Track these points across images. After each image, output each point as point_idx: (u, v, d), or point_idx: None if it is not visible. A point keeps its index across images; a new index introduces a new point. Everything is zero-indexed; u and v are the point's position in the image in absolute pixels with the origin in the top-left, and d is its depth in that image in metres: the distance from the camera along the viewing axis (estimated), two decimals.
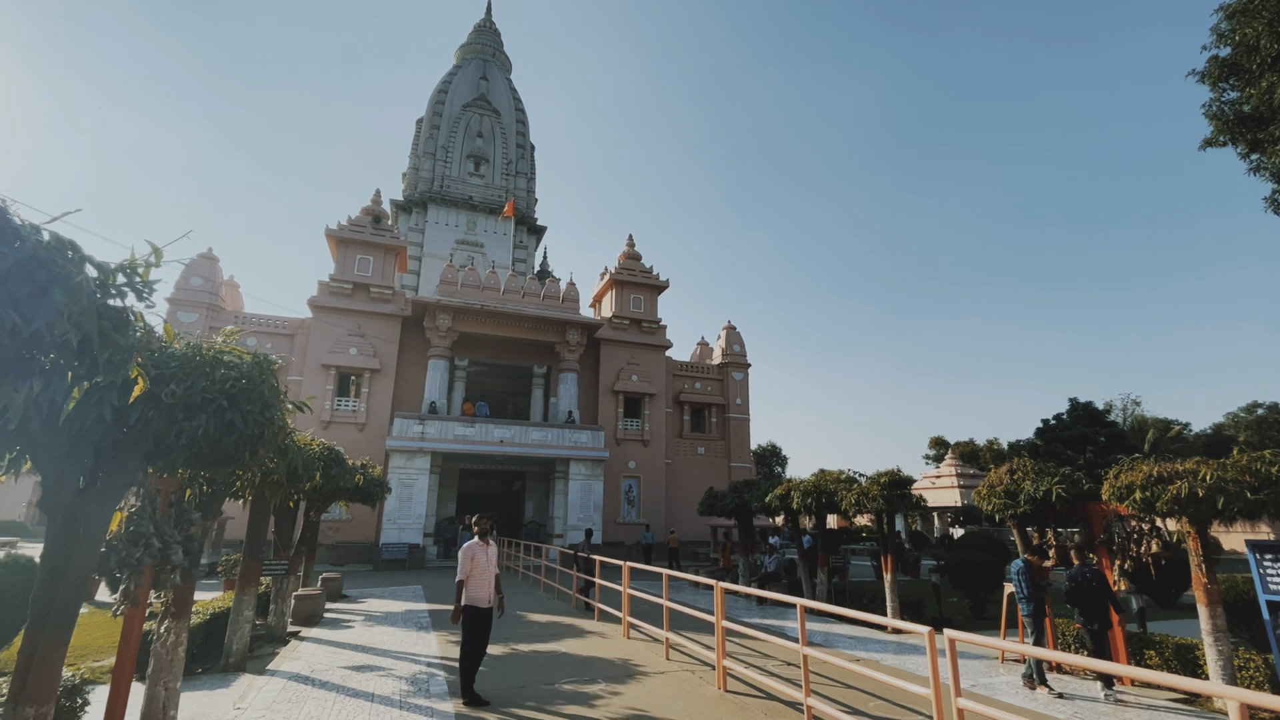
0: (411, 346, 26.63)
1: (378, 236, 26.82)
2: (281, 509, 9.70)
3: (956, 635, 4.16)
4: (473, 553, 6.40)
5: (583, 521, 24.82)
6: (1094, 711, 6.33)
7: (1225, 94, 12.34)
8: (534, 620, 11.10)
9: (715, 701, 6.25)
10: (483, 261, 38.21)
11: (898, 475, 12.42)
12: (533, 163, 43.77)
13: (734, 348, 33.73)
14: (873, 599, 12.80)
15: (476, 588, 6.32)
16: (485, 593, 6.34)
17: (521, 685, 6.81)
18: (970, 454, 52.60)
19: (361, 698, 6.34)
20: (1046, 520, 9.06)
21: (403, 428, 23.35)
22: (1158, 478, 6.83)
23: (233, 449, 3.57)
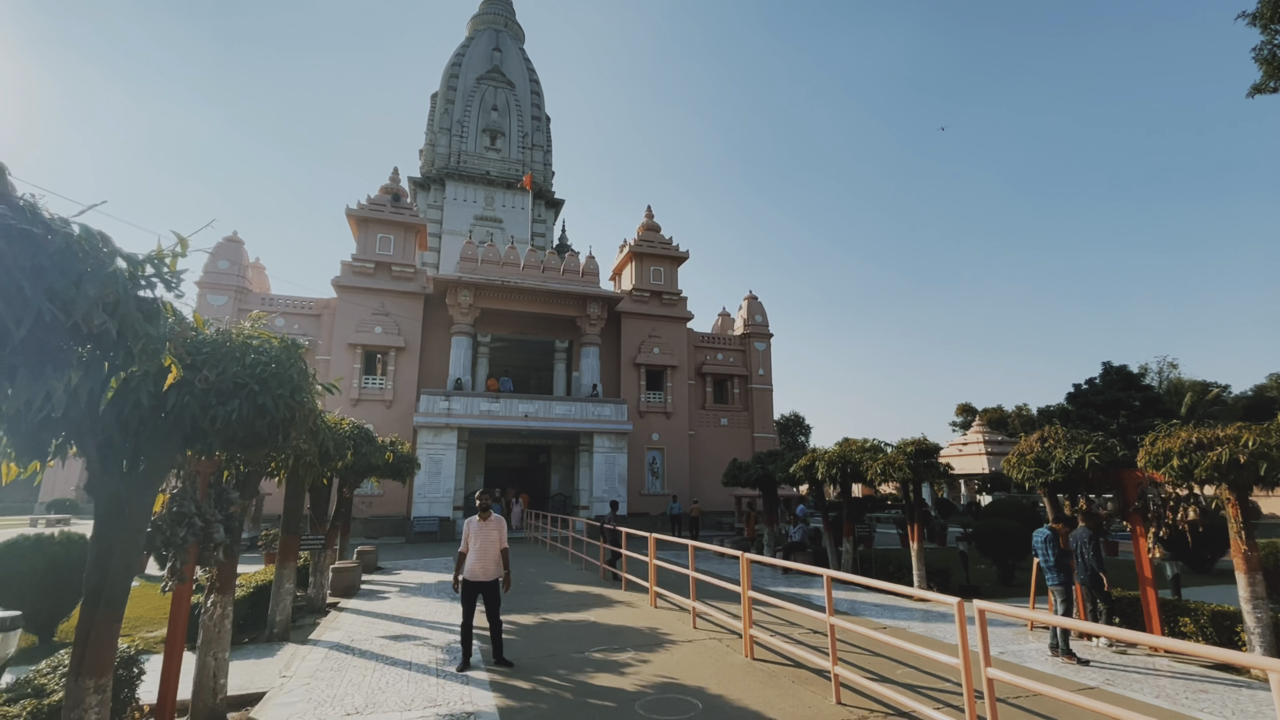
0: (435, 324, 26.90)
1: (397, 215, 26.93)
2: (316, 486, 9.97)
3: (986, 606, 4.14)
4: (470, 528, 6.50)
5: (607, 494, 25.15)
6: (1125, 678, 6.29)
7: (1277, 36, 11.61)
8: (563, 590, 11.35)
9: (743, 669, 6.36)
10: (502, 237, 38.21)
11: (924, 443, 12.30)
12: (549, 135, 43.32)
13: (755, 318, 33.43)
14: (899, 567, 12.80)
15: (471, 561, 6.41)
16: (480, 566, 6.39)
17: (552, 654, 6.99)
18: (999, 420, 51.86)
19: (399, 666, 6.57)
20: (1078, 488, 8.91)
21: (429, 404, 23.74)
22: (1197, 444, 6.65)
23: (265, 432, 3.66)
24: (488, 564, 6.43)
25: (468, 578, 6.41)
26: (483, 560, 6.41)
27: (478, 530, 6.47)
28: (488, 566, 6.42)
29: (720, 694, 5.57)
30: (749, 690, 5.67)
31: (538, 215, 41.47)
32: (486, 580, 6.43)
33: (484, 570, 6.41)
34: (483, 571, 6.41)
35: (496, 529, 6.53)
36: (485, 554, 6.42)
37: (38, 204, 1.89)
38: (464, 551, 6.49)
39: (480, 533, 6.46)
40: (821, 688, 5.72)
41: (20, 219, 1.67)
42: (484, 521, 6.52)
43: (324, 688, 5.83)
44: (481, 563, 6.41)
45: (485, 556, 6.42)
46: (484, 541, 6.43)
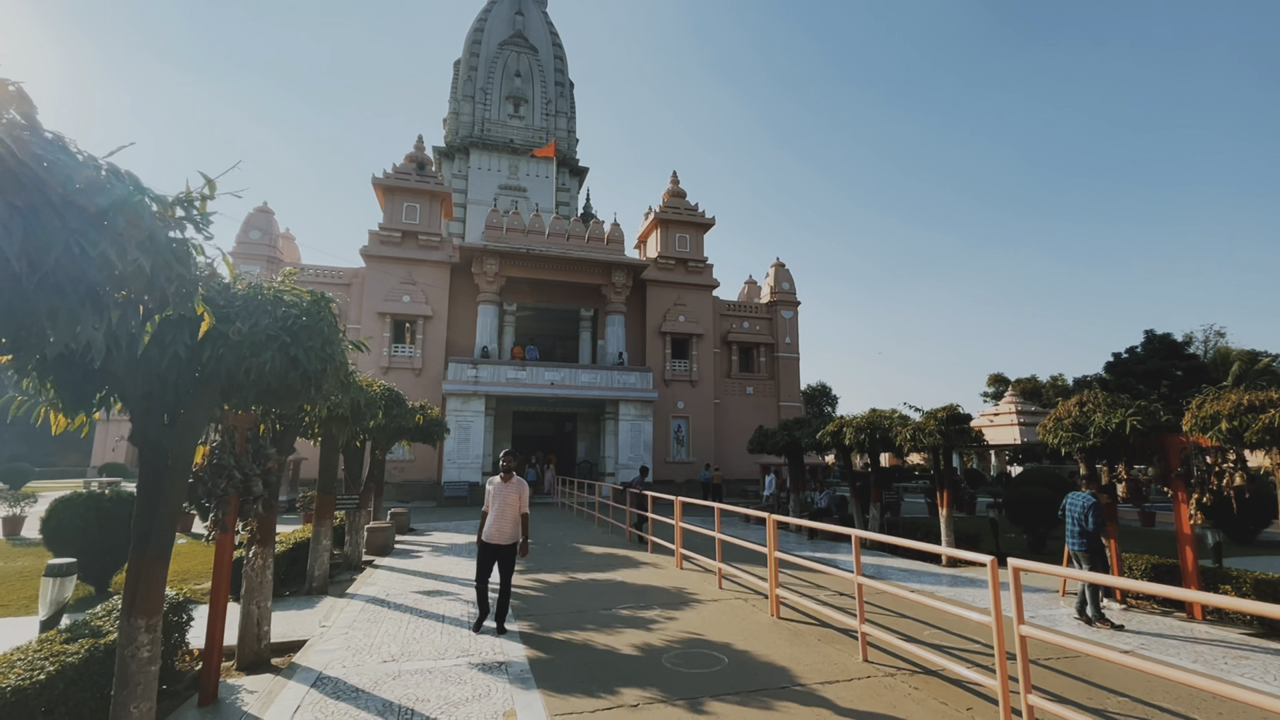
0: (461, 292, 27.09)
1: (422, 184, 26.95)
2: (349, 448, 10.23)
3: (1021, 564, 4.06)
4: (491, 488, 6.36)
5: (634, 460, 25.37)
6: (1160, 643, 6.18)
7: None
8: (590, 551, 11.54)
9: (769, 627, 6.40)
10: (526, 206, 38.05)
11: (956, 411, 12.07)
12: (572, 101, 42.67)
13: (783, 285, 32.93)
14: (926, 534, 12.72)
15: (490, 522, 6.23)
16: (498, 528, 6.19)
17: (580, 610, 7.13)
18: (1032, 391, 50.65)
19: (433, 619, 6.77)
20: (1118, 455, 8.66)
21: (457, 372, 24.07)
22: (1249, 406, 6.39)
23: (298, 384, 3.71)
24: (504, 526, 6.21)
25: (485, 539, 6.24)
26: (500, 522, 6.20)
27: (498, 491, 6.29)
28: (504, 529, 6.21)
29: (746, 649, 5.62)
30: (775, 647, 5.71)
31: (562, 183, 41.13)
32: (503, 543, 6.22)
33: (500, 533, 6.20)
34: (499, 534, 6.20)
35: (516, 491, 6.30)
36: (503, 515, 6.22)
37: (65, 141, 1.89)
38: (485, 510, 6.37)
39: (500, 494, 6.26)
40: (848, 646, 5.73)
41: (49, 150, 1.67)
42: (505, 483, 6.31)
43: (361, 637, 6.05)
44: (499, 524, 6.20)
45: (503, 518, 6.21)
46: (502, 503, 6.23)
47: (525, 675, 4.97)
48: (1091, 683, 4.92)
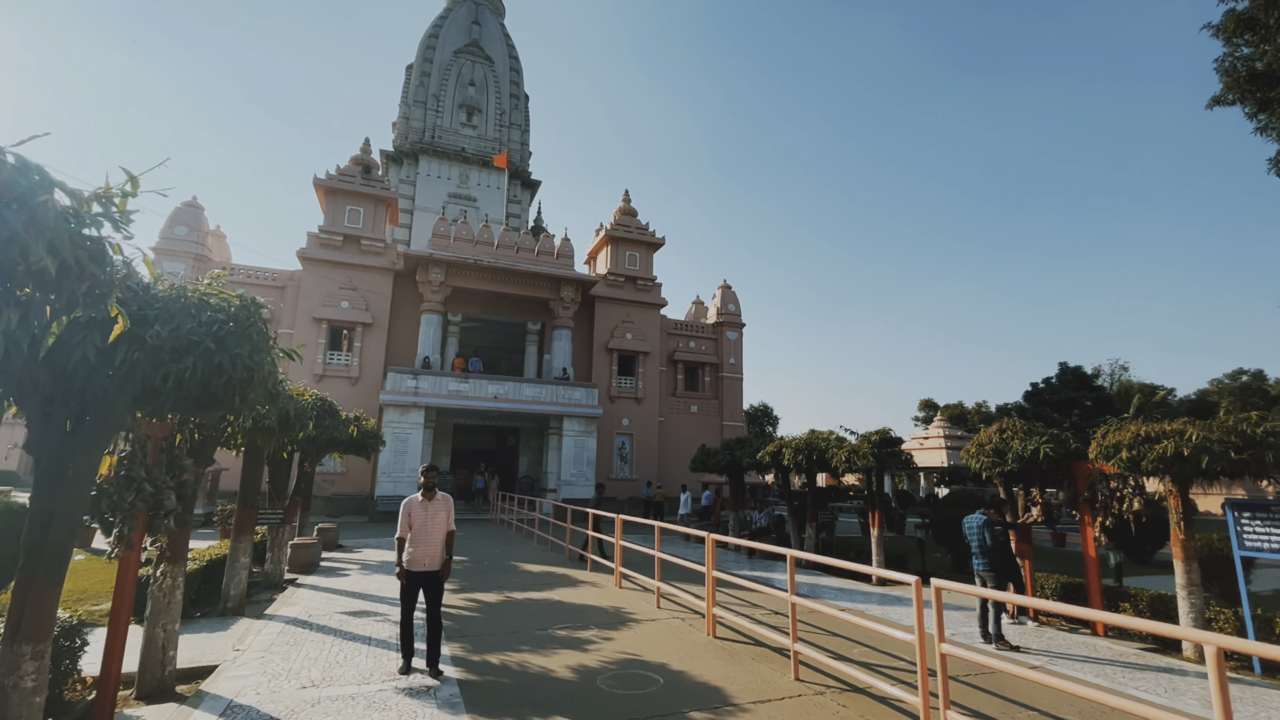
0: (404, 301, 26.37)
1: (368, 187, 26.21)
2: (275, 459, 9.72)
3: (943, 584, 4.25)
4: (410, 508, 5.58)
5: (577, 477, 25.14)
6: (1065, 661, 6.56)
7: (1239, 50, 12.02)
8: (528, 570, 11.32)
9: (704, 647, 6.43)
10: (475, 215, 37.54)
11: (888, 435, 12.56)
12: (527, 114, 42.58)
13: (729, 307, 33.60)
14: (859, 553, 13.11)
15: (413, 547, 5.52)
16: (425, 552, 5.50)
17: (515, 631, 6.97)
18: (959, 416, 53.26)
19: (359, 641, 6.48)
20: (1032, 479, 9.21)
21: (396, 382, 23.32)
22: (1145, 437, 6.92)
23: (222, 392, 3.52)
24: (432, 549, 5.53)
25: (410, 567, 5.50)
26: (427, 545, 5.51)
27: (421, 511, 5.57)
28: (432, 552, 5.53)
29: (682, 670, 5.63)
30: (710, 667, 5.74)
31: (513, 195, 40.83)
32: (430, 570, 5.54)
33: (428, 558, 5.51)
34: (426, 559, 5.51)
35: (444, 509, 5.66)
36: (431, 538, 5.54)
37: None
38: (403, 536, 5.56)
39: (425, 514, 5.57)
40: (781, 665, 5.82)
41: None
42: (429, 501, 5.62)
43: (279, 661, 5.71)
44: (425, 548, 5.50)
45: (430, 541, 5.53)
46: (429, 524, 5.55)
47: (455, 700, 4.81)
48: (1005, 698, 5.17)
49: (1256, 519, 6.89)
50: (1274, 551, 6.73)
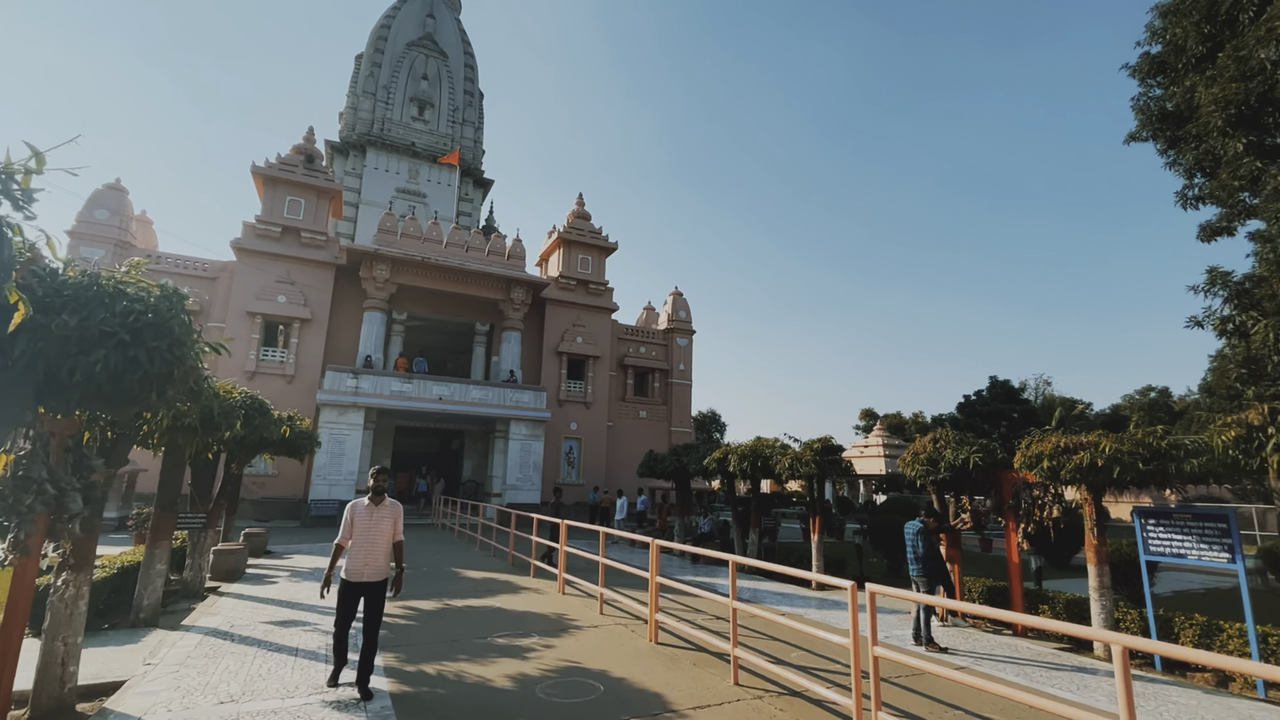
0: (346, 297, 25.46)
1: (310, 178, 25.21)
2: (199, 460, 9.19)
3: (877, 589, 4.38)
4: (353, 513, 5.19)
5: (522, 482, 24.78)
6: (990, 662, 6.87)
7: (1152, 90, 12.99)
8: (469, 576, 11.06)
9: (646, 653, 6.42)
10: (424, 212, 36.65)
11: (829, 443, 12.90)
12: (481, 112, 41.93)
13: (680, 314, 33.91)
14: (800, 558, 13.40)
15: (354, 556, 5.11)
16: (367, 562, 5.10)
17: (454, 639, 6.79)
18: (897, 426, 55.32)
19: (285, 652, 6.16)
20: (963, 487, 9.64)
21: (335, 381, 22.45)
22: (1064, 448, 7.34)
23: (137, 388, 3.28)
24: (376, 559, 5.13)
25: (349, 577, 5.08)
26: (370, 554, 5.11)
27: (366, 516, 5.19)
28: (375, 562, 5.12)
29: (623, 677, 5.60)
30: (651, 673, 5.74)
31: (465, 193, 40.08)
32: (373, 581, 5.12)
33: (370, 568, 5.10)
34: (369, 568, 5.09)
35: (391, 516, 5.28)
36: (374, 546, 5.14)
37: None
38: (342, 543, 5.18)
39: (370, 519, 5.18)
40: (721, 670, 5.87)
41: None
42: (376, 506, 5.25)
43: (195, 675, 5.37)
44: (368, 557, 5.10)
45: (374, 549, 5.14)
46: (374, 531, 5.16)
47: (386, 712, 4.63)
48: (933, 698, 5.36)
49: (1160, 526, 7.41)
50: (1175, 556, 7.25)
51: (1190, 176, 12.56)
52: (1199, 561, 7.03)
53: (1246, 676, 6.60)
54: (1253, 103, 10.43)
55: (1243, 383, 10.76)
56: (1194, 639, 7.22)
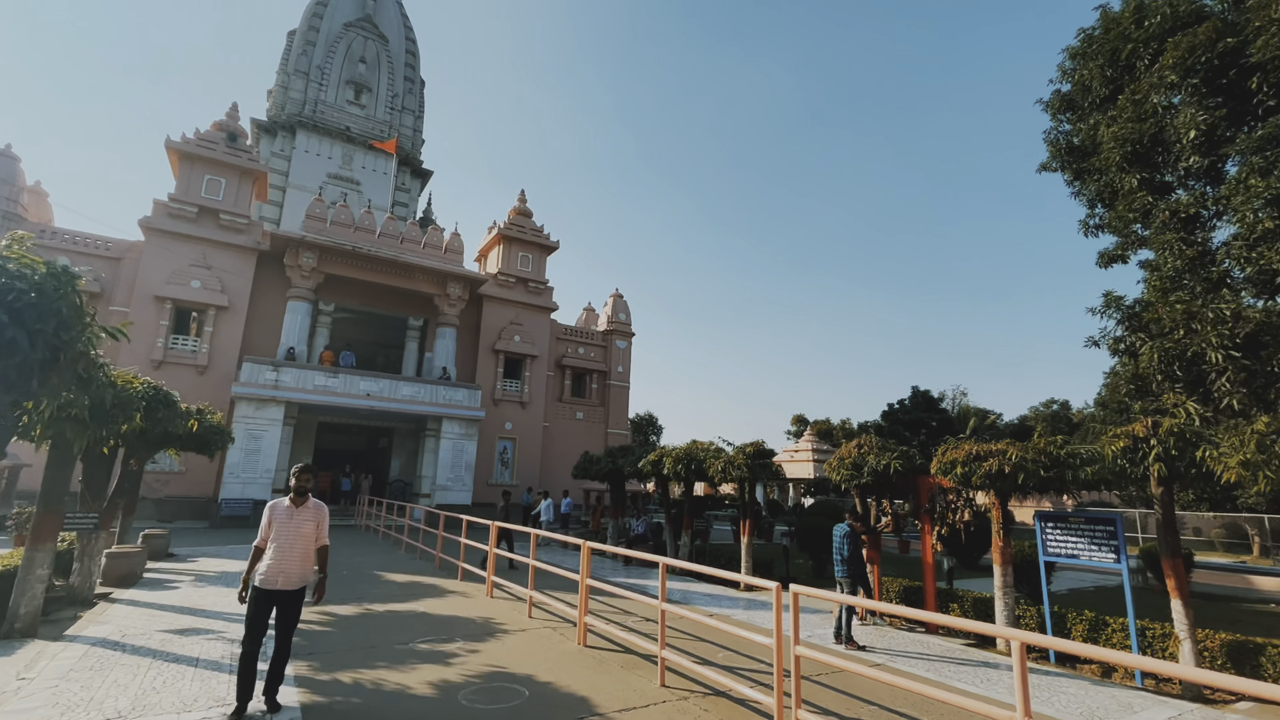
0: (268, 285, 24.08)
1: (232, 156, 23.70)
2: (92, 454, 8.44)
3: (801, 590, 4.50)
4: (273, 514, 4.76)
5: (453, 482, 24.14)
6: (904, 659, 7.20)
7: (1062, 125, 14.05)
8: (392, 580, 10.65)
9: (574, 656, 6.37)
10: (358, 200, 35.20)
11: (761, 447, 13.21)
12: (421, 100, 40.69)
13: (619, 316, 33.96)
14: (730, 560, 13.65)
15: (272, 560, 4.64)
16: (285, 568, 4.64)
17: (372, 646, 6.51)
18: (826, 432, 57.32)
19: (184, 663, 5.74)
20: (885, 491, 10.08)
21: (253, 373, 21.17)
22: (975, 455, 7.80)
23: (14, 375, 2.96)
24: (294, 565, 4.68)
25: (263, 584, 4.60)
26: (287, 560, 4.66)
27: (286, 518, 4.75)
28: (293, 569, 4.68)
29: (549, 681, 5.52)
30: (578, 676, 5.69)
31: (401, 183, 38.74)
32: (289, 589, 4.66)
33: (288, 574, 4.65)
34: (285, 576, 4.64)
35: (314, 518, 4.86)
36: (293, 551, 4.70)
37: None
38: (261, 545, 4.74)
39: (291, 522, 4.75)
40: (649, 671, 5.89)
41: None
42: (299, 507, 4.83)
43: (78, 690, 4.91)
44: (286, 563, 4.65)
45: (293, 554, 4.69)
46: (294, 534, 4.72)
47: None
48: (850, 694, 5.56)
49: (1057, 529, 7.99)
50: (1070, 557, 7.84)
51: (1092, 207, 13.64)
52: (1090, 561, 7.63)
53: (1127, 667, 7.21)
54: (1146, 142, 11.44)
55: (1131, 398, 11.77)
56: (1084, 634, 7.82)
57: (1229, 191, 9.92)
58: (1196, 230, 11.20)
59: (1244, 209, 9.48)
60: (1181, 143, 10.64)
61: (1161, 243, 11.26)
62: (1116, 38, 12.34)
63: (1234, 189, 9.72)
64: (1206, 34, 10.57)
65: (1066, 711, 5.48)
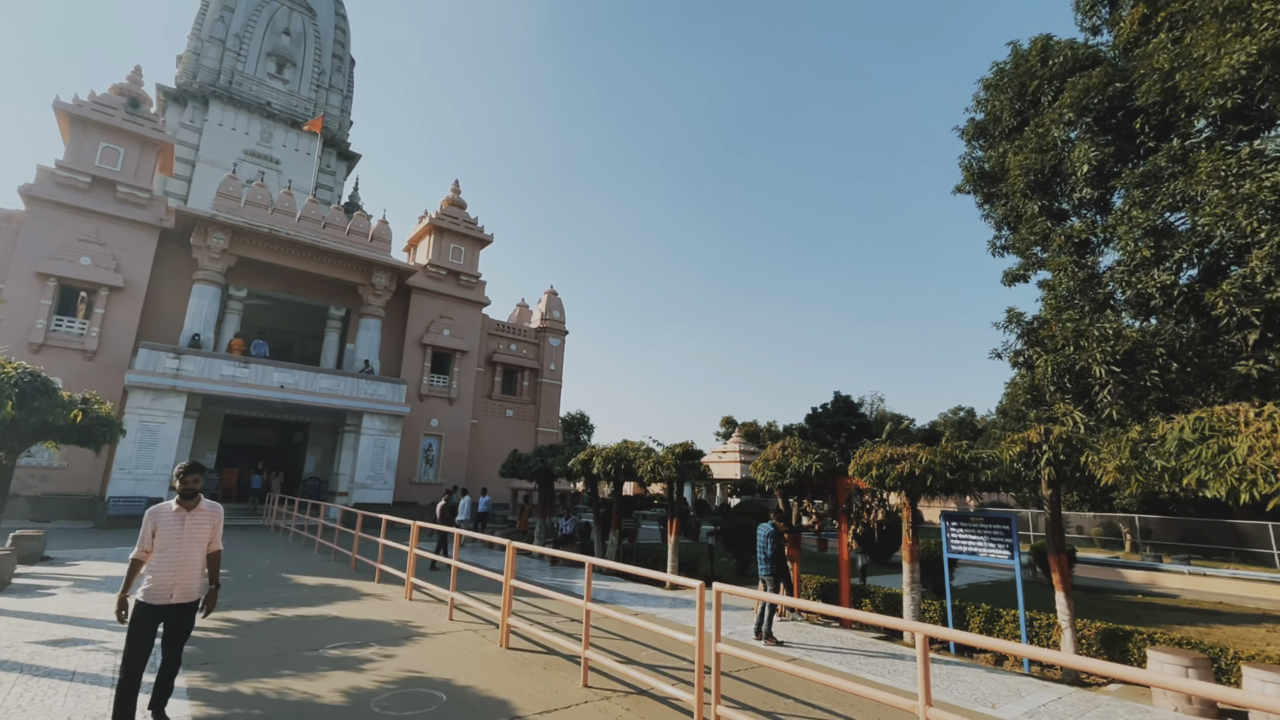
0: (172, 266, 22.31)
1: (134, 124, 21.79)
2: None
3: (724, 588, 4.60)
4: (156, 521, 4.18)
5: (373, 480, 23.15)
6: (819, 653, 7.50)
7: (975, 151, 15.05)
8: (303, 583, 10.10)
9: (495, 658, 6.24)
10: (277, 180, 33.21)
11: (690, 448, 13.42)
12: (351, 80, 38.83)
13: (553, 313, 33.63)
14: (657, 559, 13.79)
15: (159, 573, 4.10)
16: (176, 579, 4.14)
17: (278, 653, 6.14)
18: (753, 434, 58.87)
19: (57, 677, 5.21)
20: (806, 491, 10.46)
21: (151, 361, 19.52)
22: (890, 458, 8.22)
23: None
24: (186, 576, 4.19)
25: (150, 599, 4.06)
26: (183, 570, 4.17)
27: (174, 524, 4.20)
28: (186, 580, 4.19)
29: (468, 685, 5.39)
30: (498, 679, 5.58)
31: (326, 165, 36.82)
32: (181, 603, 4.17)
33: (184, 586, 4.18)
34: (181, 589, 4.16)
35: (209, 522, 4.37)
36: (189, 559, 4.21)
37: None
38: (141, 557, 4.15)
39: (179, 529, 4.20)
40: (571, 672, 5.85)
41: None
42: (189, 511, 4.28)
43: None
44: (181, 574, 4.16)
45: (189, 563, 4.20)
46: (185, 542, 4.20)
47: None
48: (768, 689, 5.73)
49: (960, 527, 8.54)
50: (970, 554, 8.39)
51: (999, 229, 14.69)
52: (988, 558, 8.20)
53: (1017, 656, 7.79)
54: (1047, 172, 12.42)
55: (1028, 407, 12.76)
56: (981, 625, 8.40)
57: (1115, 221, 10.92)
58: (1087, 255, 12.26)
59: (1126, 237, 10.46)
60: (1076, 175, 11.62)
61: (1057, 265, 12.25)
62: (1024, 73, 13.34)
63: (1119, 219, 10.71)
64: (1099, 77, 11.59)
65: (964, 699, 5.86)
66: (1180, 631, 9.01)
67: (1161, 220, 10.21)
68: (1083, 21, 13.50)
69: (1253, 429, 4.86)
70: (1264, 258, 8.34)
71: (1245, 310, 8.69)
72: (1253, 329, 8.96)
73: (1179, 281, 9.92)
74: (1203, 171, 9.27)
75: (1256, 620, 11.91)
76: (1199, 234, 9.41)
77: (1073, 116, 11.90)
